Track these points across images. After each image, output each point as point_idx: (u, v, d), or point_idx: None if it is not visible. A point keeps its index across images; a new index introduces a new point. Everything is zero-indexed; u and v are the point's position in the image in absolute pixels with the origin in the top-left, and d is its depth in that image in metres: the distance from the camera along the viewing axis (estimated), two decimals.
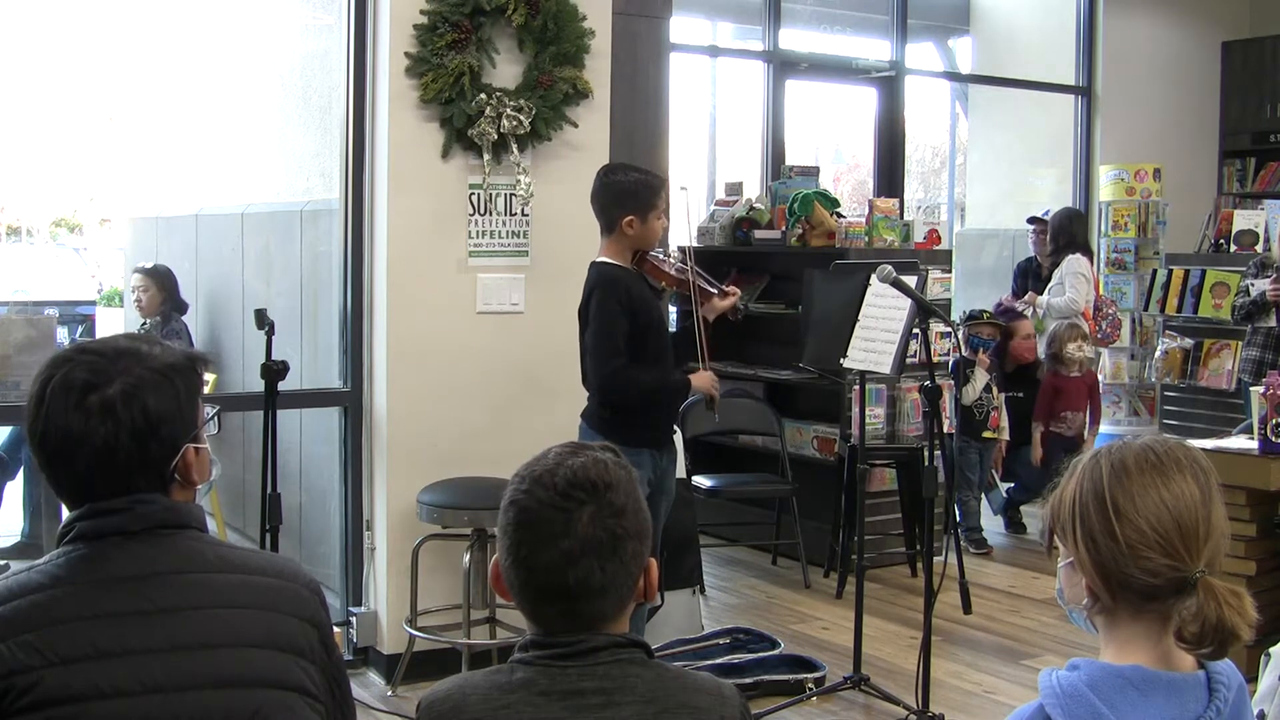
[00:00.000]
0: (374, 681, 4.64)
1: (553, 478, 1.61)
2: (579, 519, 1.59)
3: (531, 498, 1.61)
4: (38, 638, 1.62)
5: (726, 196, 7.10)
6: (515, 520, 1.62)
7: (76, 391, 1.72)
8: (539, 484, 1.62)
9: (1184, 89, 9.14)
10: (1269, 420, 4.52)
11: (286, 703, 1.71)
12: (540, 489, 1.61)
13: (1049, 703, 1.53)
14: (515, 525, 1.62)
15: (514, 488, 1.64)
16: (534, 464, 1.65)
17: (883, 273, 4.04)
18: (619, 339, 3.95)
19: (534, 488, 1.62)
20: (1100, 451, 1.62)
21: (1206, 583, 1.52)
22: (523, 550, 1.61)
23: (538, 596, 1.62)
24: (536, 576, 1.61)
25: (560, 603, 1.61)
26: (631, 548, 1.62)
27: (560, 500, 1.59)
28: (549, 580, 1.60)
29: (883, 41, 8.31)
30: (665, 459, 4.17)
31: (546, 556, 1.59)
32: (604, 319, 3.95)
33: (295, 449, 5.31)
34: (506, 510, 1.64)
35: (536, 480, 1.62)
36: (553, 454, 1.66)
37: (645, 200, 4.03)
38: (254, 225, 5.90)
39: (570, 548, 1.58)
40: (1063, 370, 6.73)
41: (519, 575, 1.62)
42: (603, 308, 3.96)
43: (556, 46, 4.61)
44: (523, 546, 1.61)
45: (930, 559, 4.13)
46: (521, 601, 1.65)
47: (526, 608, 1.65)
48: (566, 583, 1.59)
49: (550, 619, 1.63)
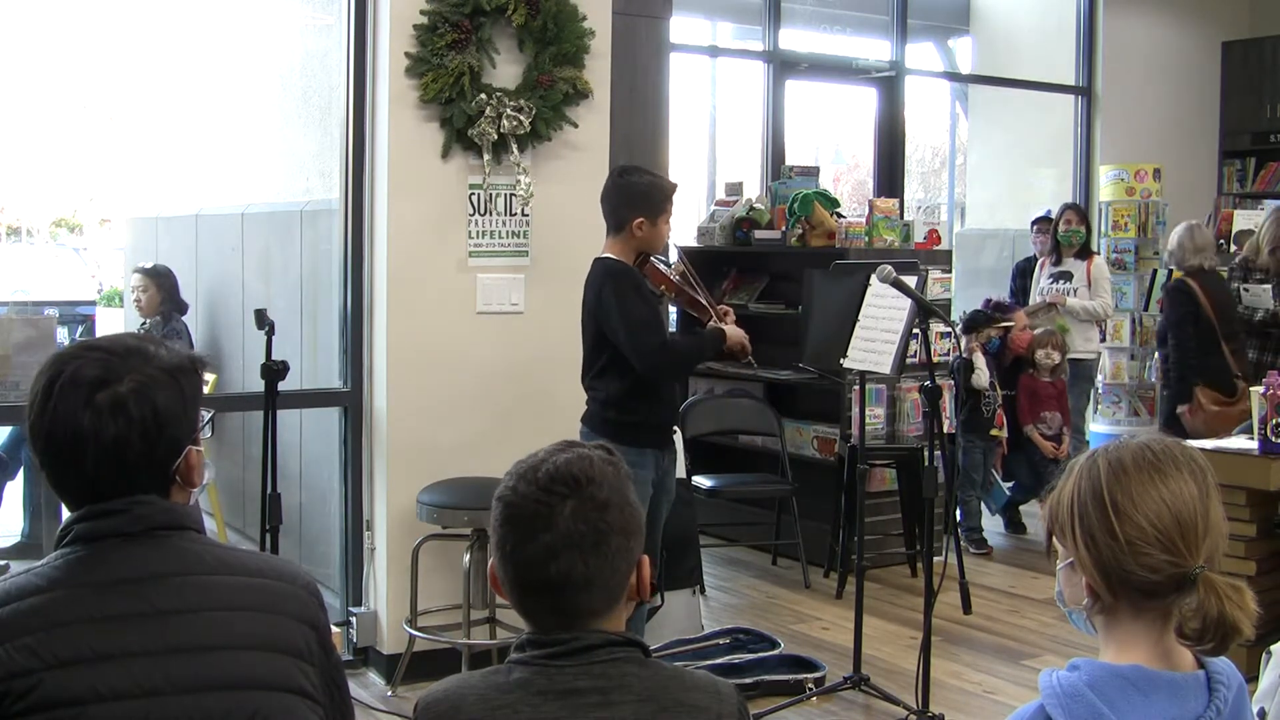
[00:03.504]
0: (374, 682, 4.64)
1: (535, 473, 1.63)
2: (560, 513, 1.60)
3: (516, 493, 1.64)
4: (36, 641, 1.61)
5: (726, 196, 7.10)
6: (501, 515, 1.64)
7: (86, 388, 1.70)
8: (523, 480, 1.64)
9: (1184, 89, 9.14)
10: (1269, 420, 4.52)
11: (285, 704, 1.71)
12: (524, 484, 1.63)
13: (1049, 703, 1.53)
14: (502, 520, 1.64)
15: (502, 485, 1.67)
16: (523, 461, 1.68)
17: (883, 273, 4.04)
18: (651, 318, 4.01)
19: (518, 483, 1.64)
20: (1097, 451, 1.62)
21: (1207, 578, 1.52)
22: (508, 545, 1.63)
23: (524, 591, 1.64)
24: (520, 571, 1.63)
25: (545, 596, 1.63)
26: (617, 543, 1.62)
27: (542, 495, 1.61)
28: (531, 574, 1.62)
29: (883, 41, 8.31)
30: (667, 459, 4.18)
31: (529, 550, 1.61)
32: (627, 305, 3.97)
33: (295, 449, 5.31)
34: (494, 506, 1.66)
35: (521, 476, 1.65)
36: (542, 452, 1.68)
37: (657, 204, 4.06)
38: (254, 225, 5.91)
39: (551, 541, 1.59)
40: (1035, 374, 6.76)
41: (506, 570, 1.65)
42: (621, 296, 3.98)
43: (556, 46, 4.61)
44: (508, 541, 1.63)
45: (930, 559, 4.13)
46: (511, 597, 1.67)
47: (516, 603, 1.67)
48: (548, 575, 1.60)
49: (539, 614, 1.65)
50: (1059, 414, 6.81)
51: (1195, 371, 6.07)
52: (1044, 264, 7.35)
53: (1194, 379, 6.07)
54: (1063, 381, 6.87)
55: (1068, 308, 7.06)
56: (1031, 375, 6.78)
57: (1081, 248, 7.19)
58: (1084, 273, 7.15)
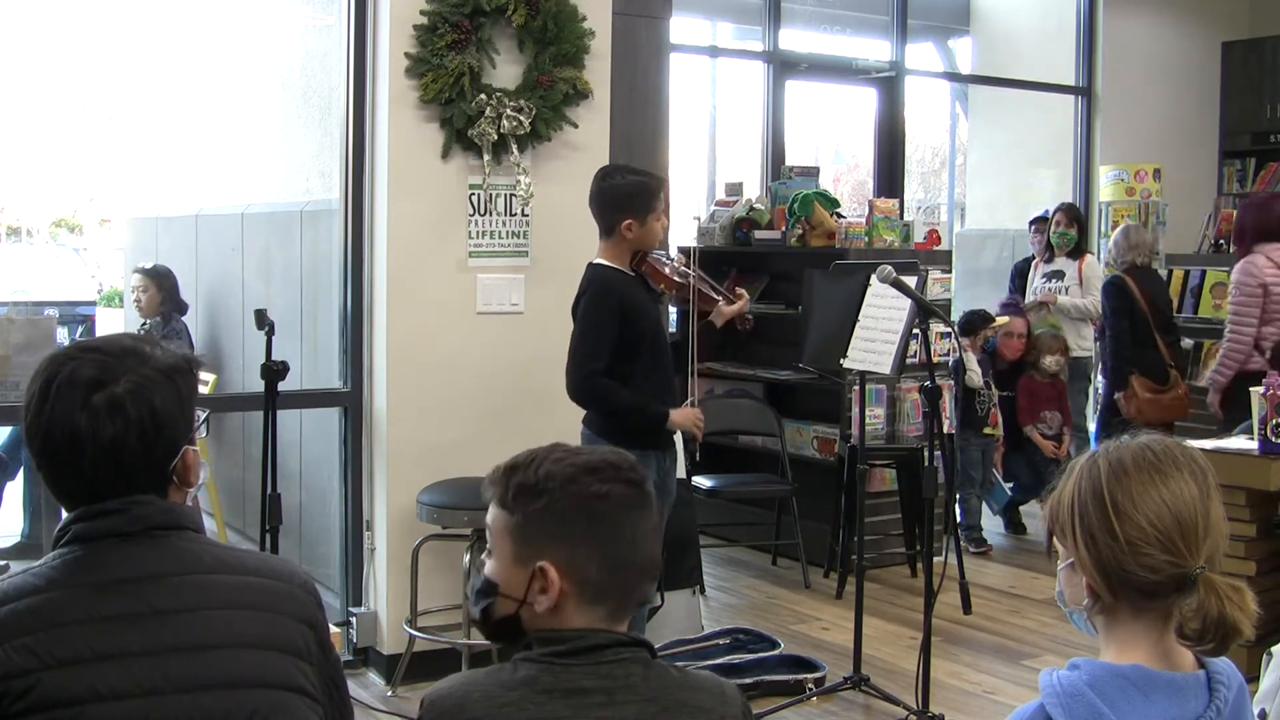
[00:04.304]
0: (374, 682, 4.64)
1: (608, 463, 1.69)
2: (652, 498, 1.70)
3: (616, 484, 1.67)
4: (35, 641, 1.61)
5: (726, 197, 7.10)
6: (611, 509, 1.66)
7: (84, 388, 1.71)
8: (601, 473, 1.68)
9: (1184, 89, 9.13)
10: (1269, 420, 4.52)
11: (284, 703, 1.71)
12: (612, 475, 1.68)
13: (1050, 703, 1.53)
14: (613, 513, 1.66)
15: (583, 482, 1.66)
16: (571, 458, 1.69)
17: (883, 273, 4.03)
18: (601, 345, 3.91)
19: (607, 475, 1.68)
20: (1098, 451, 1.62)
21: (1207, 578, 1.52)
22: (625, 533, 1.67)
23: (637, 576, 1.70)
24: (640, 558, 1.70)
25: (649, 581, 1.75)
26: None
27: (638, 480, 1.70)
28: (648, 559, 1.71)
29: (883, 42, 8.31)
30: (668, 460, 4.17)
31: (647, 541, 1.69)
32: (588, 323, 3.93)
33: (295, 449, 5.31)
34: (593, 501, 1.66)
35: (593, 470, 1.68)
36: (559, 449, 1.71)
37: (644, 202, 4.01)
38: (254, 225, 5.90)
39: (651, 522, 1.70)
40: (1037, 375, 6.81)
41: (625, 559, 1.67)
42: (589, 312, 3.94)
43: (556, 47, 4.61)
44: (626, 529, 1.67)
45: (930, 559, 4.13)
46: (610, 590, 1.67)
47: (614, 593, 1.68)
48: (658, 557, 1.73)
49: (630, 599, 1.70)
50: (1059, 413, 6.84)
51: (1129, 361, 6.39)
52: (1038, 264, 7.38)
53: (1129, 368, 6.39)
54: (1063, 381, 6.89)
55: (1059, 306, 7.09)
56: (1031, 376, 6.81)
57: (1074, 248, 7.21)
58: (1075, 272, 7.18)
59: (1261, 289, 5.83)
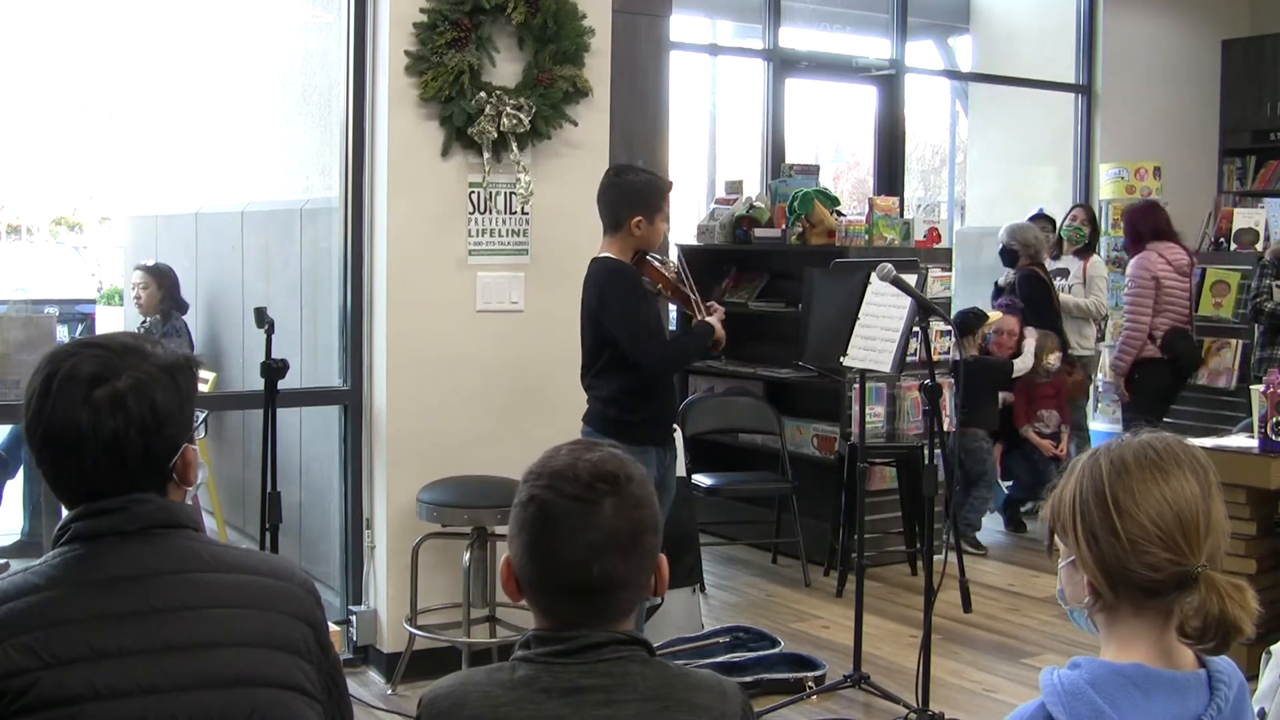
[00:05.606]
0: (374, 680, 4.63)
1: (574, 471, 1.60)
2: (602, 511, 1.58)
3: (553, 492, 1.60)
4: (34, 639, 1.61)
5: (726, 195, 7.10)
6: (534, 516, 1.60)
7: (85, 384, 1.70)
8: (558, 478, 1.60)
9: (1184, 87, 9.13)
10: (1269, 419, 4.52)
11: (283, 701, 1.71)
12: (561, 483, 1.60)
13: (1050, 701, 1.53)
14: (533, 522, 1.60)
15: (531, 484, 1.63)
16: (549, 460, 1.64)
17: (883, 271, 4.03)
18: (651, 318, 4.06)
19: (555, 482, 1.60)
20: (1099, 449, 1.62)
21: (1208, 577, 1.52)
22: (541, 547, 1.60)
23: (557, 592, 1.61)
24: (557, 572, 1.60)
25: (581, 598, 1.60)
26: (650, 541, 1.63)
27: (585, 493, 1.59)
28: (569, 575, 1.59)
29: (883, 40, 8.31)
30: (668, 457, 4.19)
31: (568, 552, 1.58)
32: (628, 305, 4.01)
33: (295, 448, 5.31)
34: (525, 506, 1.62)
35: (557, 474, 1.61)
36: (565, 450, 1.66)
37: (653, 202, 4.08)
38: (254, 224, 5.90)
39: (594, 541, 1.57)
40: (1035, 378, 6.80)
41: (539, 571, 1.61)
42: (621, 298, 4.01)
43: (556, 45, 4.61)
44: (543, 543, 1.60)
45: (930, 557, 4.13)
46: (539, 597, 1.63)
47: (543, 605, 1.64)
48: (589, 577, 1.58)
49: (567, 615, 1.62)
50: (1056, 412, 6.85)
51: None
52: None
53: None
54: (1060, 380, 6.89)
55: (1060, 304, 7.09)
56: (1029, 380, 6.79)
57: (1083, 246, 7.23)
58: (1080, 270, 7.18)
59: (1154, 282, 6.51)
